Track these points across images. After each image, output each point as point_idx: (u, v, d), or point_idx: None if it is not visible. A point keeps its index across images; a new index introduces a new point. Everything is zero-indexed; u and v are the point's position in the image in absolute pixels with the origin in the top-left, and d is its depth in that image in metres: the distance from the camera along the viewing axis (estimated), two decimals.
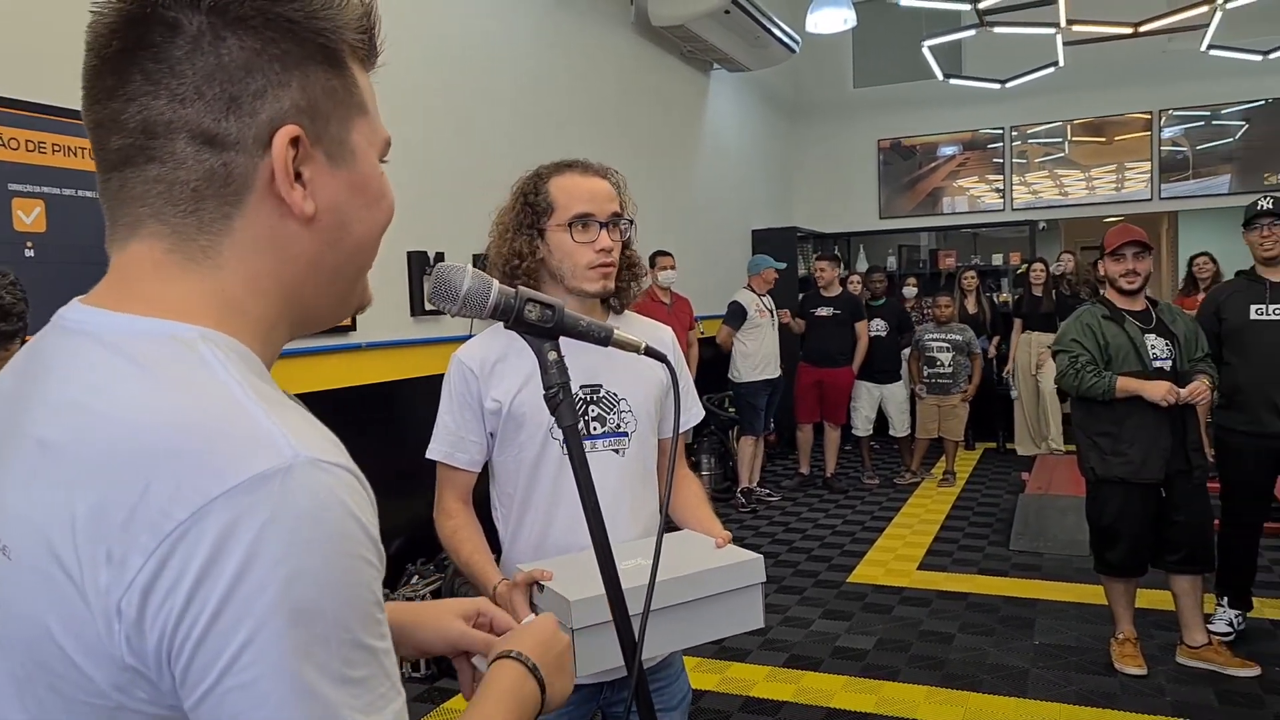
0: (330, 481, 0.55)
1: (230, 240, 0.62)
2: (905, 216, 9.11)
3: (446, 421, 1.60)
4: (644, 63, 6.26)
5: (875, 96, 9.03)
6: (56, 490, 0.55)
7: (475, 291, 0.88)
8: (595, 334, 0.93)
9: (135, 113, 0.60)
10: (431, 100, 4.20)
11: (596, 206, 1.55)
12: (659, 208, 6.44)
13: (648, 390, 1.63)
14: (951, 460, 6.74)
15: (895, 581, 4.60)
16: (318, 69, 0.63)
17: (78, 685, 0.55)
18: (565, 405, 0.91)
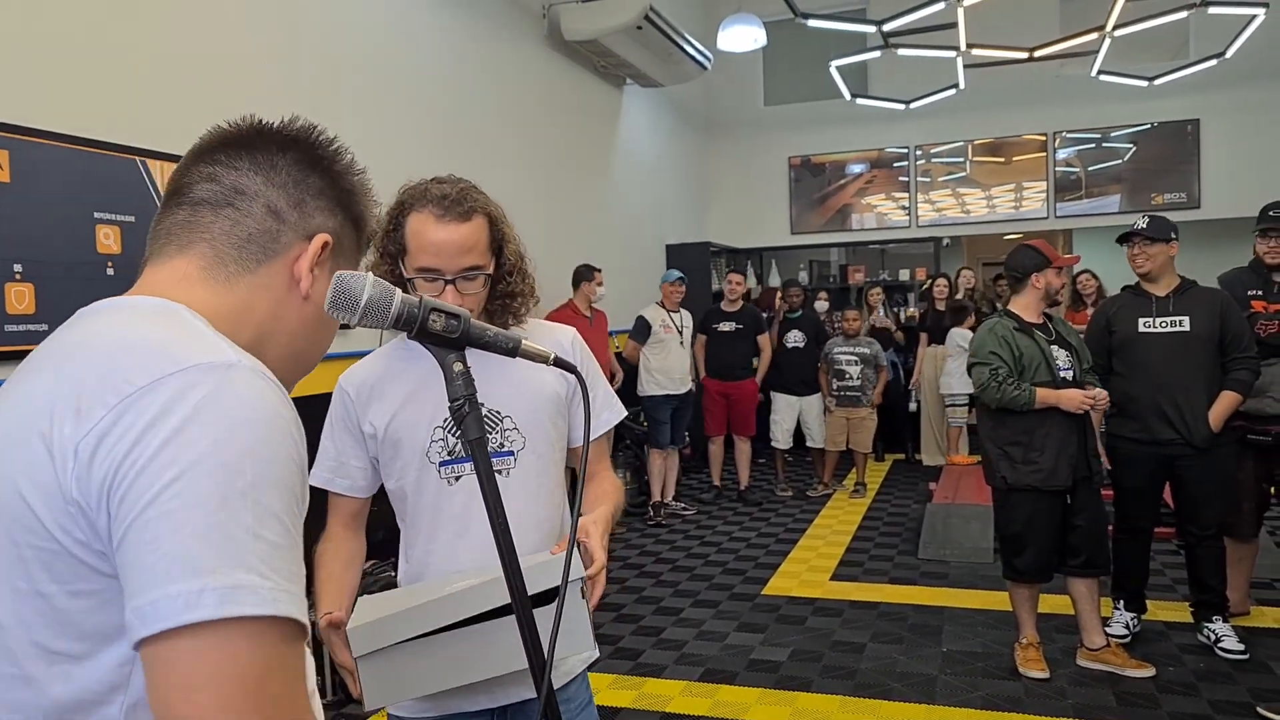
0: (269, 387, 0.69)
1: (250, 278, 0.83)
2: (816, 232, 9.29)
3: (327, 446, 1.55)
4: (557, 77, 6.21)
5: (786, 114, 9.19)
6: (59, 379, 0.69)
7: (377, 301, 0.85)
8: (502, 344, 0.91)
9: (233, 179, 0.83)
10: (326, 111, 4.05)
11: (443, 262, 1.43)
12: (573, 222, 6.40)
13: (534, 403, 1.53)
14: (862, 472, 6.85)
15: (808, 593, 4.62)
16: (348, 222, 0.89)
17: (29, 529, 0.65)
18: (472, 417, 0.89)
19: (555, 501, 1.59)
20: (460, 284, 1.45)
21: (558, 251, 6.01)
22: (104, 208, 3.03)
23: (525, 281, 1.56)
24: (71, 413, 0.65)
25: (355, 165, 0.91)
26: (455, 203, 1.46)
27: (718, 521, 6.19)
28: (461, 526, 1.48)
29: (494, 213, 1.53)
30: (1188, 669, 3.48)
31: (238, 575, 0.61)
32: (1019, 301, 3.46)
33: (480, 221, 1.48)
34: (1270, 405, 3.62)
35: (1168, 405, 3.50)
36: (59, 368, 0.70)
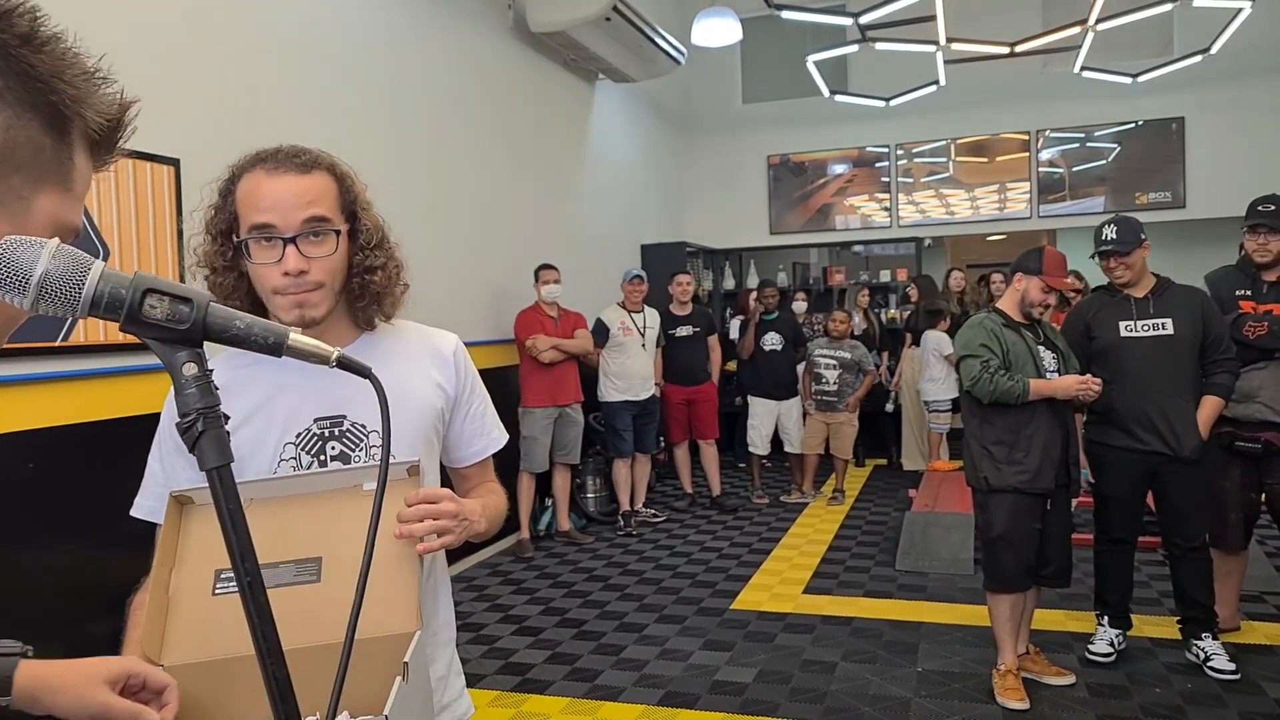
0: None
1: None
2: (795, 232, 9.10)
3: (155, 471, 1.29)
4: (524, 70, 6.00)
5: (764, 112, 9.00)
6: None
7: (58, 276, 0.62)
8: (260, 339, 0.70)
9: None
10: (273, 104, 3.83)
11: (279, 216, 1.20)
12: (542, 220, 6.19)
13: (412, 419, 1.30)
14: (841, 478, 6.66)
15: (780, 607, 4.41)
16: (34, 121, 0.64)
17: None
18: (208, 439, 0.67)
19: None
20: (304, 244, 1.21)
21: (524, 251, 5.80)
22: None
23: (390, 258, 1.31)
24: None
25: (60, 50, 0.65)
26: (291, 155, 1.24)
27: (690, 530, 5.98)
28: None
29: (343, 170, 1.29)
30: (1174, 690, 3.29)
31: None
32: (1005, 300, 3.38)
33: (324, 176, 1.25)
34: (1259, 411, 3.45)
35: (1154, 413, 3.32)
36: None
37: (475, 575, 5.08)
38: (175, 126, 3.29)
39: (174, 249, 3.31)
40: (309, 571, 1.11)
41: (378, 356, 1.28)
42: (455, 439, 1.39)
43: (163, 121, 3.25)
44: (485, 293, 5.48)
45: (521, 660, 3.83)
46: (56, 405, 2.91)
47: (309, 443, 1.26)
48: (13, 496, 2.77)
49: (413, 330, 1.40)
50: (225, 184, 1.25)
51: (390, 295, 1.31)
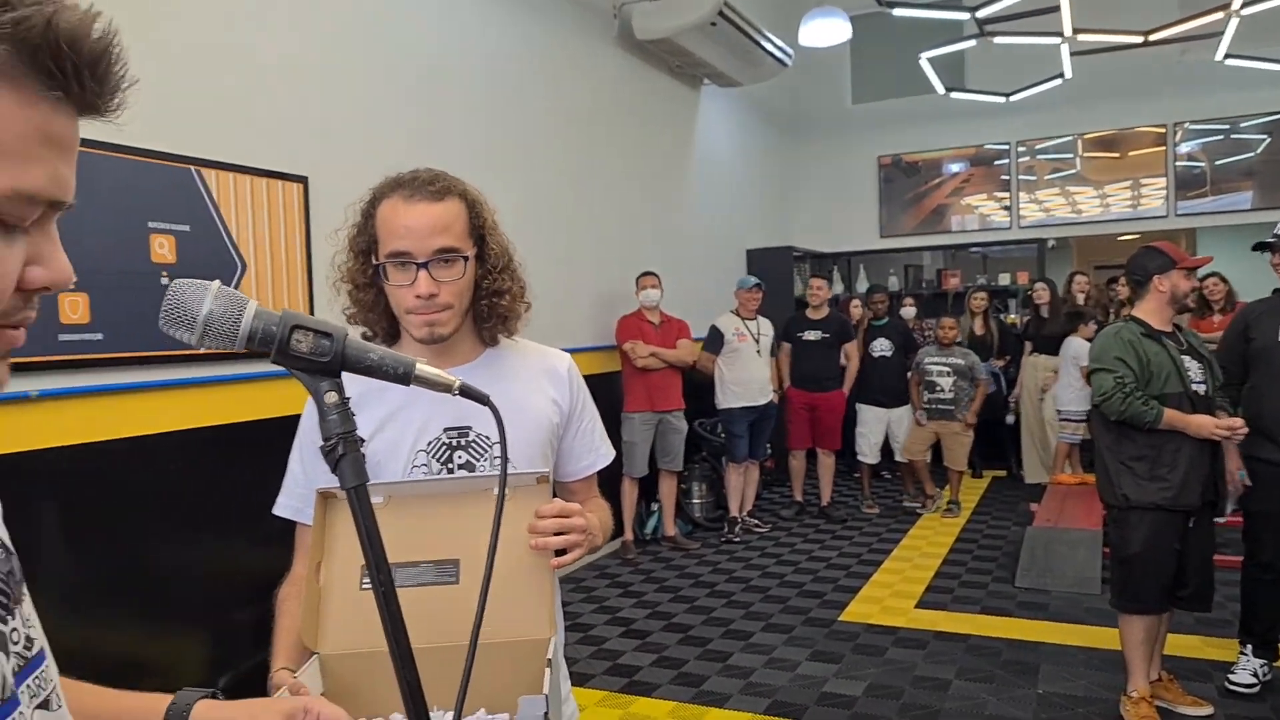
0: None
1: None
2: (907, 235, 8.85)
3: (295, 472, 1.38)
4: (630, 78, 6.06)
5: (875, 112, 8.80)
6: None
7: (220, 316, 0.69)
8: (391, 369, 0.74)
9: None
10: (397, 119, 3.99)
11: (414, 243, 1.28)
12: (647, 227, 6.23)
13: (531, 431, 1.36)
14: (956, 489, 6.43)
15: (891, 621, 4.30)
16: None
17: None
18: (347, 461, 0.71)
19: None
20: (436, 269, 1.28)
21: (629, 257, 5.84)
22: (158, 217, 3.02)
23: (515, 280, 1.38)
24: None
25: None
26: (426, 183, 1.31)
27: (797, 539, 5.89)
28: None
29: (473, 196, 1.35)
30: None
31: None
32: (1143, 307, 3.10)
33: (455, 203, 1.32)
34: None
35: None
36: None
37: (584, 577, 5.15)
38: (304, 146, 3.47)
39: (303, 262, 3.49)
40: (448, 573, 1.17)
41: (499, 372, 1.37)
42: (565, 454, 1.45)
43: (292, 141, 3.44)
44: (590, 299, 5.55)
45: (629, 662, 3.86)
46: (200, 408, 3.11)
47: (439, 451, 1.33)
48: (162, 492, 2.97)
49: (531, 348, 1.46)
50: (366, 206, 1.33)
51: (514, 315, 1.38)
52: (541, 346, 1.49)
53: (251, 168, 3.27)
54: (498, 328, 1.38)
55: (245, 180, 3.26)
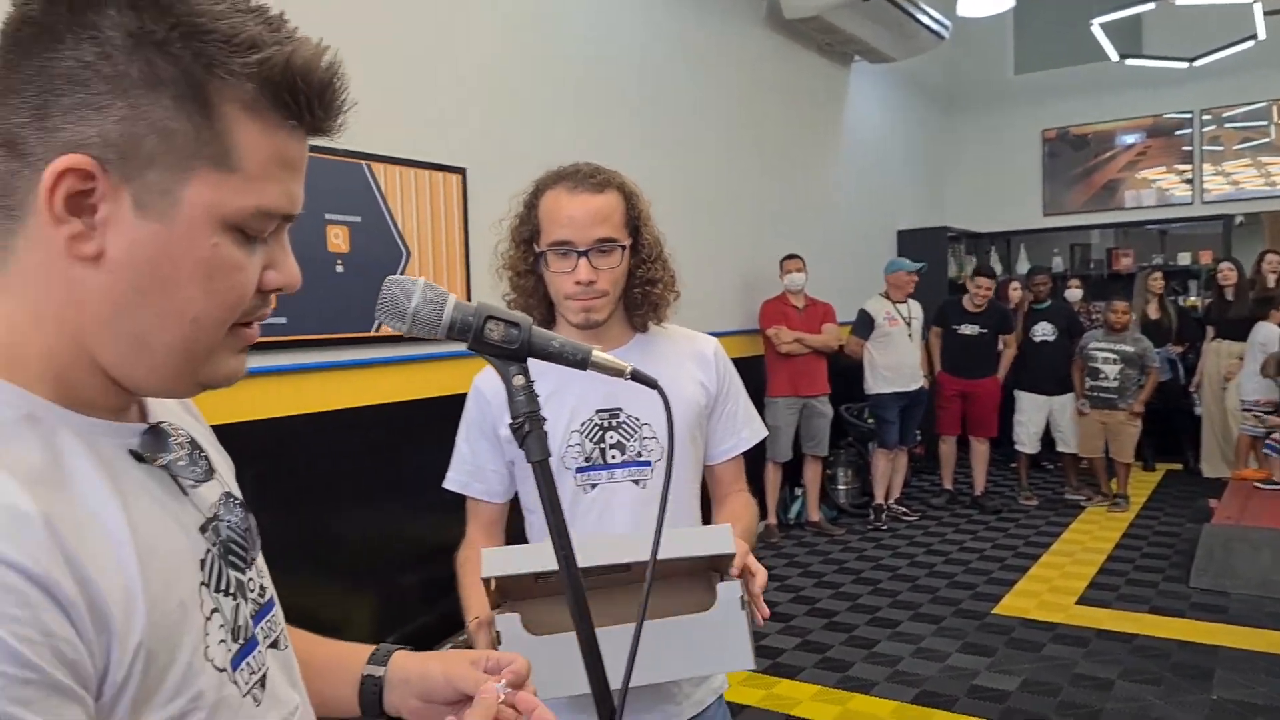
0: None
1: (15, 259, 0.58)
2: (1074, 213, 8.33)
3: (463, 450, 1.50)
4: (777, 58, 6.00)
5: (1039, 83, 8.32)
6: None
7: (426, 308, 0.77)
8: (570, 356, 0.81)
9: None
10: (547, 100, 4.13)
11: (575, 233, 1.36)
12: (793, 209, 6.17)
13: (678, 415, 1.41)
14: (1124, 482, 6.04)
15: (1049, 616, 4.12)
16: (159, 102, 0.55)
17: None
18: (533, 438, 0.81)
19: (691, 520, 1.48)
20: (595, 258, 1.37)
21: (774, 240, 5.80)
22: (334, 209, 3.26)
23: (666, 269, 1.45)
24: None
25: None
26: (588, 176, 1.40)
27: (948, 529, 5.71)
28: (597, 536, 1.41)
29: (630, 188, 1.43)
30: None
31: None
32: None
33: (614, 195, 1.40)
34: None
35: None
36: None
37: None
38: (462, 138, 3.66)
39: (461, 249, 3.68)
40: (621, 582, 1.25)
41: (649, 357, 1.45)
42: (710, 436, 1.50)
43: (451, 134, 3.63)
44: (735, 283, 5.56)
45: (772, 644, 3.88)
46: (370, 388, 3.35)
47: (591, 431, 1.41)
48: (338, 464, 3.23)
49: (679, 333, 1.53)
50: (529, 197, 1.43)
51: (664, 303, 1.45)
52: (689, 331, 1.55)
53: (415, 161, 3.48)
54: (649, 315, 1.45)
55: (410, 173, 3.47)
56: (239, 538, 0.70)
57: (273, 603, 0.75)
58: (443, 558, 4.02)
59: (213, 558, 0.66)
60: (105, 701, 0.54)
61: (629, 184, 1.44)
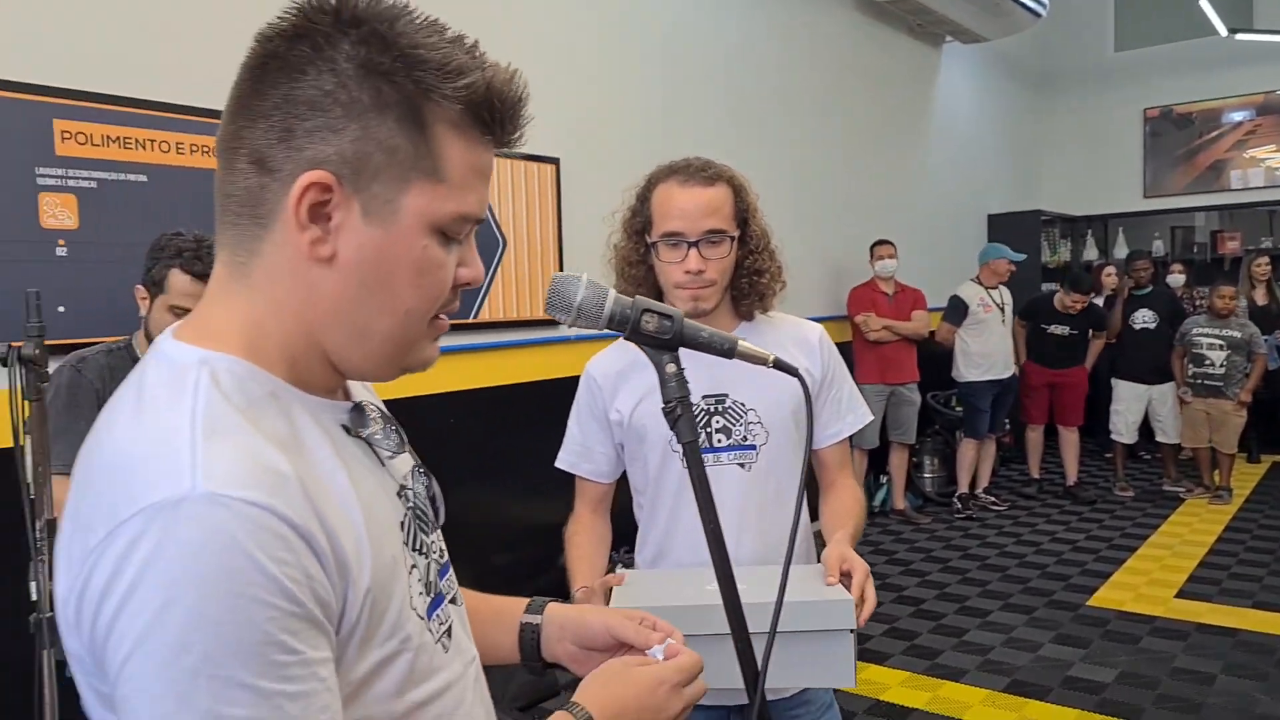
0: (223, 517, 0.56)
1: (260, 262, 0.67)
2: (1177, 195, 8.00)
3: (573, 431, 1.59)
4: (865, 41, 5.93)
5: (1141, 60, 8.00)
6: (66, 512, 0.63)
7: (589, 302, 0.84)
8: (718, 345, 0.87)
9: (227, 123, 0.66)
10: (636, 87, 4.20)
11: (686, 224, 1.42)
12: (881, 194, 6.10)
13: (781, 399, 1.47)
14: (1227, 475, 5.83)
15: (1146, 609, 4.03)
16: (385, 123, 0.64)
17: (77, 662, 0.62)
18: (684, 420, 0.86)
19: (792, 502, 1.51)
20: (704, 248, 1.43)
21: (861, 225, 5.76)
22: None
23: (773, 260, 1.50)
24: (64, 562, 0.60)
25: (400, 30, 0.63)
26: (699, 169, 1.45)
27: (1039, 519, 5.61)
28: None
29: (739, 182, 1.49)
30: None
31: None
32: None
33: (724, 188, 1.46)
34: None
35: None
36: (77, 481, 0.63)
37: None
38: (555, 129, 3.75)
39: (555, 236, 3.79)
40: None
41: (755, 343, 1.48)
42: (815, 421, 1.54)
43: (545, 125, 3.72)
44: (822, 269, 5.54)
45: (860, 630, 3.90)
46: (471, 371, 3.49)
47: (698, 417, 1.47)
48: (438, 444, 3.38)
49: (784, 320, 1.58)
50: (642, 190, 1.50)
51: (770, 293, 1.51)
52: (794, 318, 1.59)
53: (511, 152, 3.58)
54: (754, 304, 1.51)
55: (505, 164, 3.58)
56: (425, 504, 0.79)
57: (449, 563, 0.84)
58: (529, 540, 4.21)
59: (408, 520, 0.75)
60: (341, 638, 0.63)
61: (738, 178, 1.49)
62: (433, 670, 0.72)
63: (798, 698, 1.48)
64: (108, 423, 0.64)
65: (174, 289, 1.90)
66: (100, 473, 0.60)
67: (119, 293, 2.48)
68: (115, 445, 0.61)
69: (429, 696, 0.71)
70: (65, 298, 2.43)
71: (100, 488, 0.59)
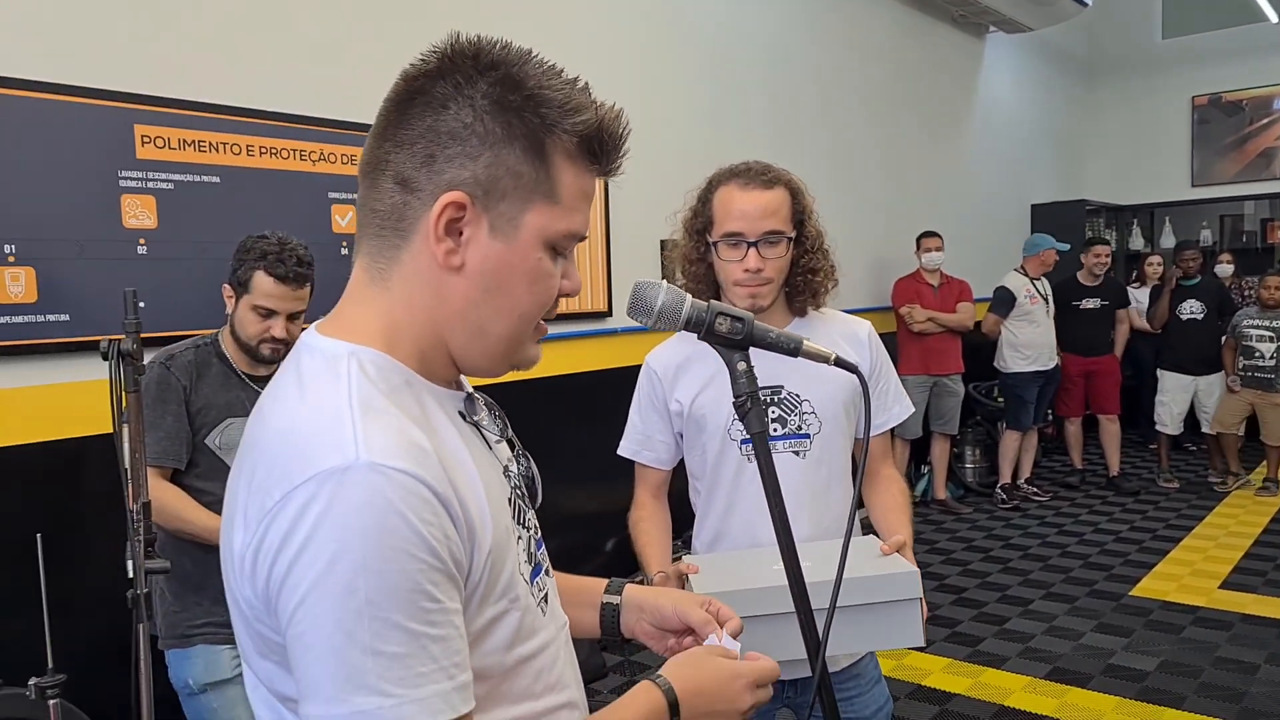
0: (382, 483, 0.65)
1: (398, 269, 0.76)
2: (1226, 183, 7.88)
3: (635, 421, 1.68)
4: (908, 32, 5.93)
5: (1189, 46, 7.88)
6: (239, 473, 0.74)
7: (669, 306, 0.92)
8: (785, 345, 0.95)
9: (373, 148, 0.76)
10: (680, 84, 4.26)
11: (746, 225, 1.51)
12: (923, 185, 6.11)
13: (834, 391, 1.57)
14: (1275, 466, 5.77)
15: (1189, 599, 4.04)
16: (513, 152, 0.74)
17: (249, 609, 0.71)
18: (754, 413, 0.93)
19: (845, 491, 1.61)
20: (763, 248, 1.51)
21: (904, 217, 5.78)
22: None
23: (826, 260, 1.59)
24: (240, 519, 0.70)
25: (528, 72, 0.74)
26: (759, 173, 1.54)
27: (1081, 510, 5.61)
28: (760, 503, 1.54)
29: (796, 185, 1.57)
30: None
31: (356, 700, 0.63)
32: None
33: (782, 191, 1.54)
34: None
35: None
36: (243, 457, 0.74)
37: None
38: None
39: (603, 233, 3.88)
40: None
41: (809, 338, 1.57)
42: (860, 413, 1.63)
43: None
44: (865, 260, 5.57)
45: None
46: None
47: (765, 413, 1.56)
48: None
49: (835, 316, 1.67)
50: (703, 192, 1.60)
51: (823, 291, 1.60)
52: (844, 314, 1.68)
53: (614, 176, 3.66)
54: (808, 301, 1.60)
55: None
56: (525, 484, 0.89)
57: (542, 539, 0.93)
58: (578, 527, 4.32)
59: (514, 497, 0.85)
60: (466, 593, 0.73)
61: (796, 181, 1.58)
62: (535, 630, 0.82)
63: (847, 671, 1.57)
64: (273, 402, 0.74)
65: (258, 290, 1.99)
66: (273, 444, 0.70)
67: (194, 288, 2.63)
68: (286, 421, 0.71)
69: (532, 652, 0.81)
70: (145, 294, 2.56)
71: (274, 457, 0.69)
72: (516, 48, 0.76)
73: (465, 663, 0.69)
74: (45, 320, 2.41)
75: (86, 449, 2.40)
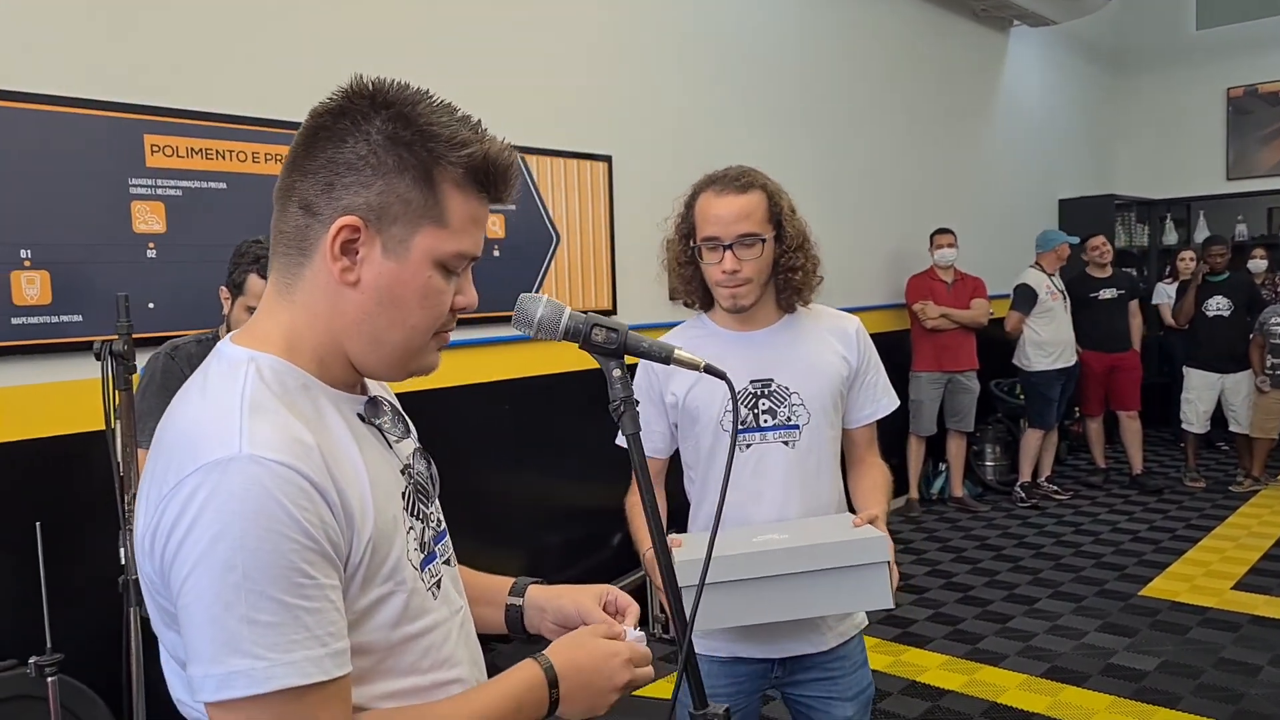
0: (260, 472, 0.75)
1: (302, 284, 0.86)
2: (1263, 176, 7.69)
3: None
4: (929, 29, 5.89)
5: (1224, 37, 7.68)
6: (151, 460, 0.82)
7: (547, 318, 0.99)
8: (657, 353, 1.02)
9: (284, 176, 0.86)
10: (689, 80, 4.28)
11: (721, 229, 1.60)
12: (944, 181, 6.07)
13: (822, 384, 1.66)
14: None
15: (1200, 600, 3.99)
16: (404, 181, 0.83)
17: (151, 585, 0.81)
18: (627, 416, 1.00)
19: (834, 478, 1.70)
20: (738, 250, 1.60)
21: (923, 214, 5.75)
22: None
23: (808, 258, 1.65)
24: (143, 505, 0.79)
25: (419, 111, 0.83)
26: (734, 179, 1.62)
27: (1101, 509, 5.54)
28: (752, 489, 1.65)
29: (772, 189, 1.64)
30: None
31: (231, 662, 0.72)
32: None
33: (757, 195, 1.62)
34: None
35: None
36: (153, 451, 0.83)
37: None
38: (607, 127, 3.89)
39: (608, 231, 3.94)
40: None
41: (796, 335, 1.69)
42: (850, 404, 1.73)
43: (596, 124, 3.87)
44: (879, 257, 5.55)
45: (904, 615, 3.98)
46: (525, 360, 3.68)
47: (745, 398, 1.65)
48: (494, 429, 3.58)
49: (824, 313, 1.75)
50: (689, 199, 1.69)
51: (807, 287, 1.67)
52: (834, 311, 1.76)
53: (565, 151, 3.75)
54: (793, 298, 1.67)
55: (559, 162, 3.75)
56: (424, 481, 0.98)
57: (445, 531, 1.03)
58: (580, 521, 4.39)
59: (409, 492, 0.94)
60: (347, 574, 0.82)
61: (771, 184, 1.65)
62: (423, 611, 0.91)
63: (834, 651, 1.66)
64: (181, 403, 0.84)
65: (251, 291, 2.11)
66: (173, 439, 0.80)
67: (202, 290, 2.75)
68: (185, 419, 0.81)
69: (419, 631, 0.90)
70: (155, 295, 2.71)
71: (172, 450, 0.78)
72: (413, 88, 0.85)
73: (341, 633, 0.78)
74: (59, 321, 2.55)
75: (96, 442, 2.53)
